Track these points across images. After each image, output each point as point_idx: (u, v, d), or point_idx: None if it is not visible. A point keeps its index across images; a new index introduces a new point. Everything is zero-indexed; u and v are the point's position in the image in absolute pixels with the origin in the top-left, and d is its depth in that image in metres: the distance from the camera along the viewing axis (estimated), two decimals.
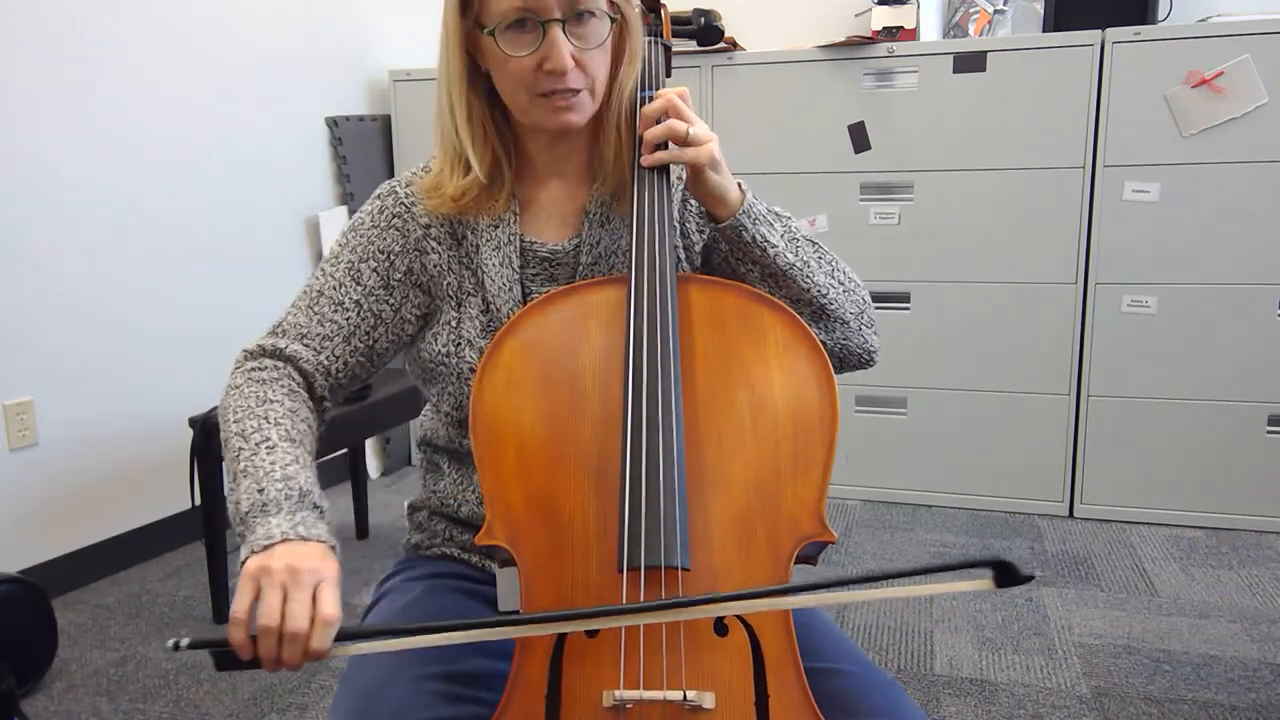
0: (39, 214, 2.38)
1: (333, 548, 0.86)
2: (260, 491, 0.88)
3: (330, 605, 0.79)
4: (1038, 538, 2.76)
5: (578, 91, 0.99)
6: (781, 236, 1.03)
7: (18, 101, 2.32)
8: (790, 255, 1.03)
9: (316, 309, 1.05)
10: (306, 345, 1.03)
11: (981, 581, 0.74)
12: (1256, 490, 2.76)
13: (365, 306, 1.05)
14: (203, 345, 2.82)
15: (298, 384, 1.02)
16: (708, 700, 0.78)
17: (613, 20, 0.99)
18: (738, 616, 0.83)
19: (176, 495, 2.67)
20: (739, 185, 1.03)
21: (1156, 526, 2.82)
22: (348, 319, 1.05)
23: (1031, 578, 0.74)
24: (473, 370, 1.03)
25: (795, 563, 0.87)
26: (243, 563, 0.82)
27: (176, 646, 0.76)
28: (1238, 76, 2.58)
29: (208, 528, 2.27)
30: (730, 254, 1.06)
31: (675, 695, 0.77)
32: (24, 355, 2.37)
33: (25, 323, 2.37)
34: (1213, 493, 2.79)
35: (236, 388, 0.99)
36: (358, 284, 1.05)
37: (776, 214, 1.05)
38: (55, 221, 2.42)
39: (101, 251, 2.53)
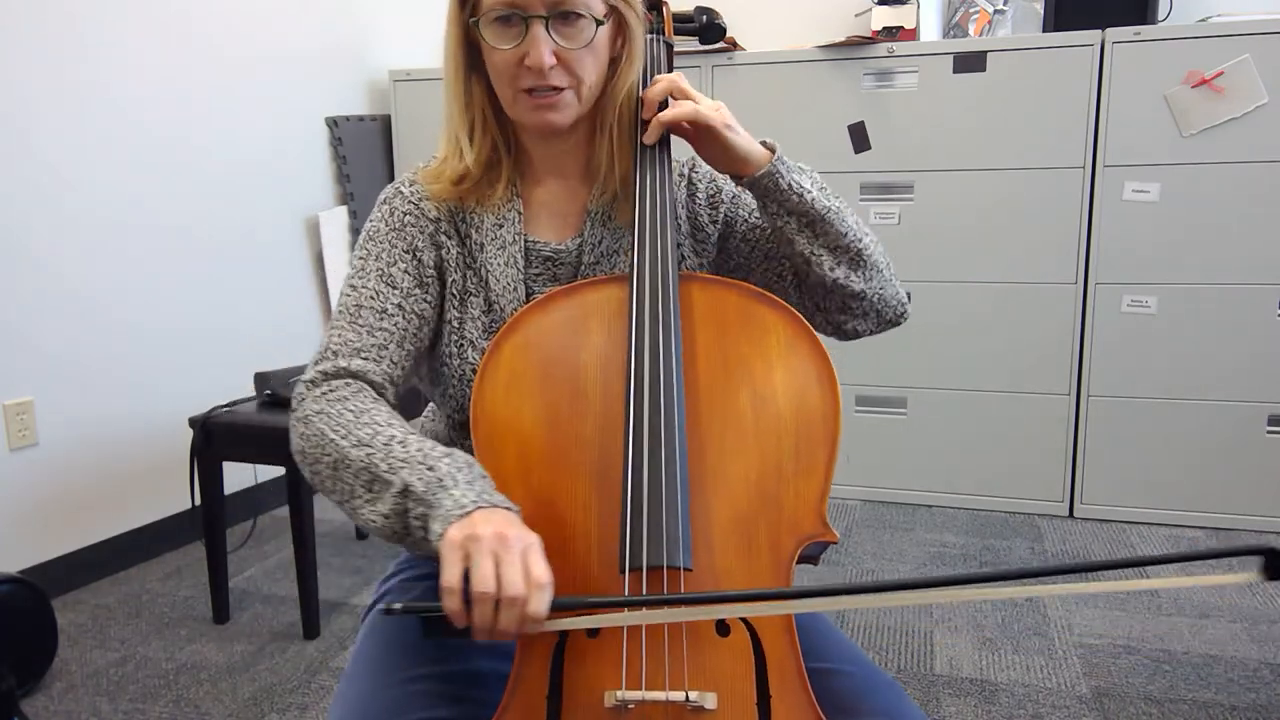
0: (39, 214, 2.38)
1: (518, 514, 0.83)
2: (430, 469, 0.85)
3: (542, 569, 0.77)
4: (1038, 538, 2.76)
5: (560, 90, 0.99)
6: (812, 184, 1.05)
7: (18, 101, 2.32)
8: (825, 200, 1.04)
9: (361, 322, 1.01)
10: (366, 359, 0.99)
11: (1247, 574, 0.71)
12: (1256, 490, 2.75)
13: (407, 308, 1.03)
14: (203, 345, 2.82)
15: (375, 396, 0.98)
16: (709, 701, 0.78)
17: (599, 23, 0.99)
18: (740, 616, 0.83)
19: (176, 495, 2.67)
20: (763, 142, 1.04)
21: (1156, 526, 2.82)
22: (395, 324, 1.02)
23: None
24: (474, 371, 1.03)
25: (797, 563, 0.87)
26: (440, 536, 0.79)
27: (389, 611, 0.77)
28: (1238, 76, 2.58)
29: (208, 528, 2.27)
30: (765, 209, 1.06)
31: (678, 696, 0.77)
32: (24, 355, 2.37)
33: (25, 323, 2.37)
34: (1213, 493, 2.79)
35: (320, 413, 0.94)
36: (394, 288, 1.03)
37: (801, 167, 1.07)
38: (55, 221, 2.42)
39: (101, 251, 2.53)
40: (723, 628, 0.82)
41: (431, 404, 1.14)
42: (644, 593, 0.81)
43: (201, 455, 2.24)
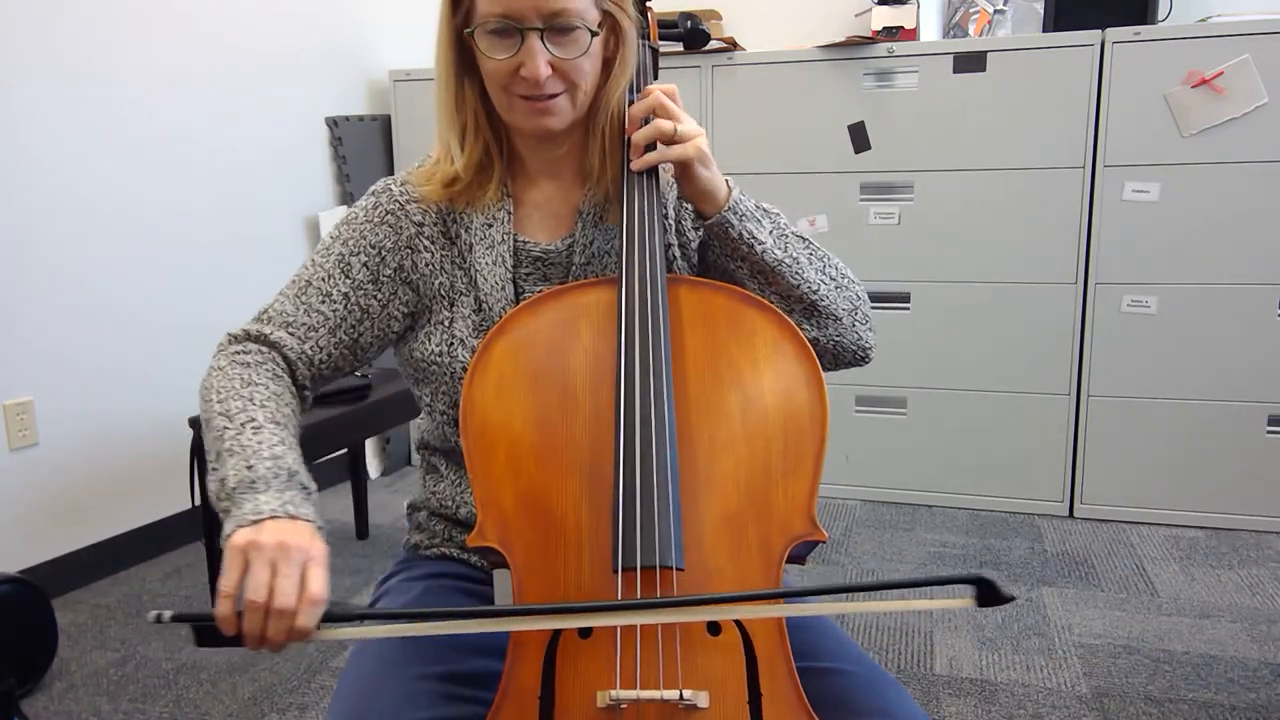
0: (39, 214, 2.38)
1: (320, 528, 0.86)
2: (249, 469, 0.88)
3: (318, 584, 0.79)
4: (1038, 538, 2.75)
5: (554, 96, 0.99)
6: (770, 233, 1.03)
7: (18, 101, 2.32)
8: (778, 251, 1.03)
9: (304, 298, 1.05)
10: (291, 333, 1.04)
11: (963, 600, 0.75)
12: (1256, 490, 2.75)
13: (353, 300, 1.06)
14: (203, 345, 2.81)
15: (281, 370, 1.03)
16: (702, 699, 0.78)
17: (594, 33, 0.98)
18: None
19: (176, 495, 2.67)
20: (727, 182, 1.03)
21: (1156, 526, 2.82)
22: (334, 311, 1.05)
23: (1013, 598, 0.74)
24: (465, 369, 1.03)
25: (786, 562, 0.87)
26: (228, 536, 0.82)
27: (159, 619, 0.75)
28: (1238, 76, 2.58)
29: (208, 528, 2.27)
30: (719, 251, 1.06)
31: (671, 694, 0.77)
32: (24, 355, 2.38)
33: (25, 323, 2.37)
34: (1213, 493, 2.79)
35: (220, 369, 1.00)
36: (346, 277, 1.06)
37: (765, 210, 1.05)
38: (56, 221, 2.42)
39: (101, 251, 2.53)
40: (714, 627, 0.82)
41: (423, 404, 1.14)
42: (637, 593, 0.81)
43: (201, 455, 2.24)
